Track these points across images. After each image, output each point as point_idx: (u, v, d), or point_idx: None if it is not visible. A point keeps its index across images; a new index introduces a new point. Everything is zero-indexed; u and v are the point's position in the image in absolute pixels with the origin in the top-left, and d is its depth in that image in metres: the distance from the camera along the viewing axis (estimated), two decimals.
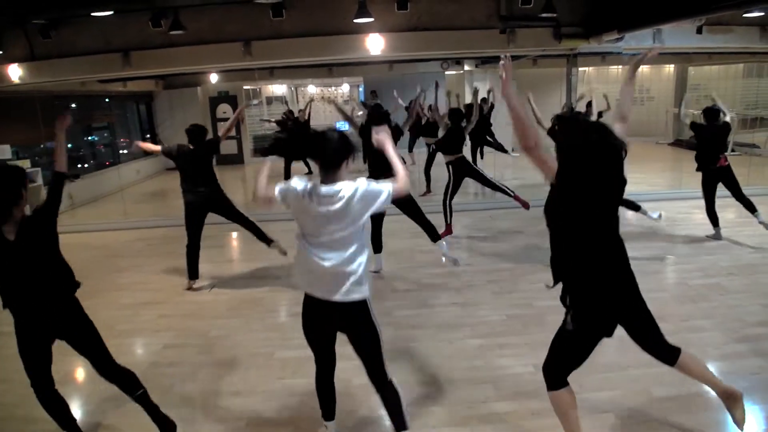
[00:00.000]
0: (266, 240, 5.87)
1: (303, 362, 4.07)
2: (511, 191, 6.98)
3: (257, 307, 5.23)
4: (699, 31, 7.32)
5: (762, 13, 7.07)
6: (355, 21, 6.66)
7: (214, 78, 13.48)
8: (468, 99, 15.59)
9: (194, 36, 7.18)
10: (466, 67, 14.39)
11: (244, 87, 14.80)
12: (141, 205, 10.31)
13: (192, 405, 3.56)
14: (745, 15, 7.05)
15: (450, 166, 6.94)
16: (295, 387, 3.74)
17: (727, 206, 8.15)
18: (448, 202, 6.91)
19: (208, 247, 7.30)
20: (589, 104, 8.10)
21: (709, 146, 6.32)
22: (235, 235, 7.94)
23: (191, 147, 5.63)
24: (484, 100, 10.58)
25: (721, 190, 6.50)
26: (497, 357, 4.05)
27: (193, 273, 5.77)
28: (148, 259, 6.93)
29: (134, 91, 12.87)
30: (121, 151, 13.04)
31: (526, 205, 6.95)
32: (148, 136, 14.12)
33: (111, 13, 6.75)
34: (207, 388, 3.76)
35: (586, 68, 14.55)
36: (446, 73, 14.93)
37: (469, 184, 8.55)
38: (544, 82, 14.60)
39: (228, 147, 14.86)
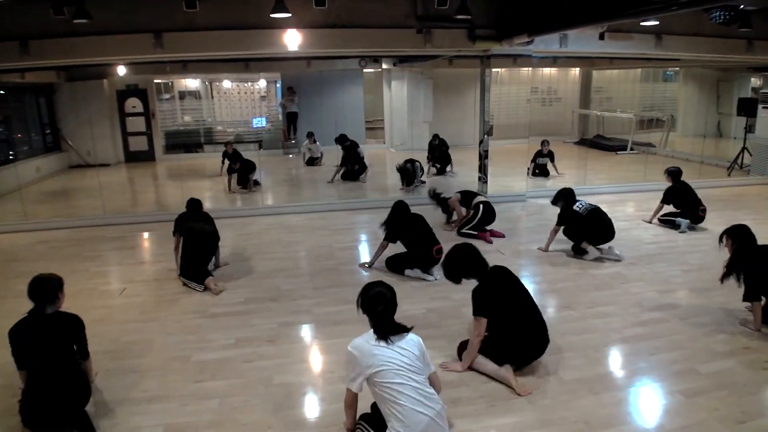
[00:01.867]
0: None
1: (221, 364, 3.99)
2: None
3: (172, 309, 5.03)
4: (601, 37, 7.80)
5: (657, 23, 7.64)
6: (271, 16, 6.55)
7: (122, 70, 12.78)
8: (386, 98, 15.85)
9: (100, 25, 6.78)
10: (384, 66, 14.54)
11: (155, 80, 14.18)
12: (42, 205, 9.62)
13: (105, 415, 3.38)
14: (642, 23, 7.59)
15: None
16: (214, 390, 3.65)
17: (626, 201, 8.78)
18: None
19: (118, 249, 7.00)
20: None
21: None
22: (146, 235, 7.61)
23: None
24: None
25: (622, 184, 6.97)
26: None
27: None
28: (50, 263, 6.48)
29: (33, 83, 11.97)
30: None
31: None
32: (49, 131, 13.21)
33: None
34: (120, 396, 3.58)
35: (499, 69, 15.12)
36: (364, 71, 15.02)
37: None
38: (459, 81, 15.05)
39: (138, 143, 14.20)
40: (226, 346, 4.27)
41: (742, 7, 6.99)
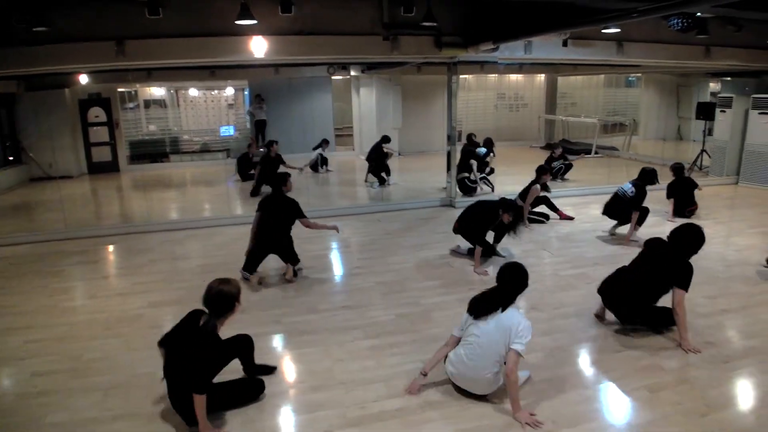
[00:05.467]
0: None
1: None
2: None
3: (137, 324, 4.91)
4: (565, 44, 7.95)
5: (618, 30, 7.83)
6: (237, 23, 6.49)
7: (84, 79, 12.52)
8: (355, 105, 15.88)
9: (60, 33, 6.61)
10: (353, 73, 14.56)
11: (119, 89, 13.92)
12: (1, 220, 9.32)
13: None
14: (603, 31, 7.77)
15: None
16: None
17: (590, 203, 8.93)
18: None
19: (81, 263, 6.81)
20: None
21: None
22: (111, 248, 7.43)
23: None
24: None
25: (586, 187, 7.11)
26: (388, 356, 4.13)
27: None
28: (10, 280, 6.27)
29: None
30: None
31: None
32: (8, 143, 12.84)
33: None
34: (84, 415, 3.47)
35: (467, 76, 15.28)
36: (333, 78, 15.02)
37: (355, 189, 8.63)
38: (427, 88, 15.16)
39: (101, 154, 13.90)
40: None
41: (699, 14, 7.21)
